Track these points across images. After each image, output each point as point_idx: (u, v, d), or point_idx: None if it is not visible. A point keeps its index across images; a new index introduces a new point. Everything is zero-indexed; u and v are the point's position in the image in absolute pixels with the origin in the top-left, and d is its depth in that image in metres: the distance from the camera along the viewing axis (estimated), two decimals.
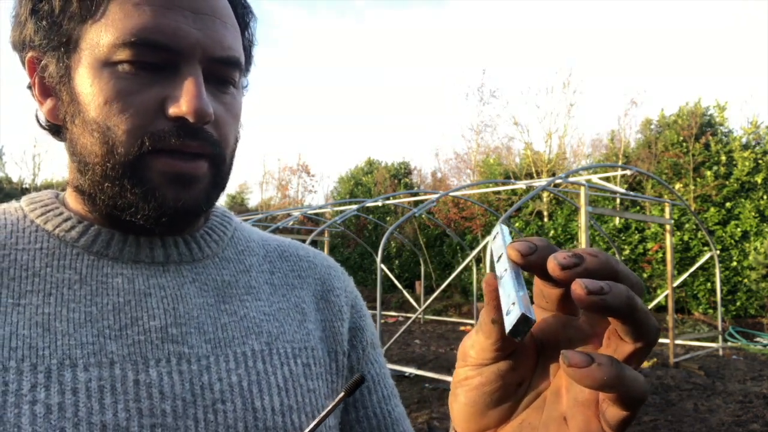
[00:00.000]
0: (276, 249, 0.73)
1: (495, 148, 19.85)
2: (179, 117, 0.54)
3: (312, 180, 26.09)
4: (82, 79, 0.55)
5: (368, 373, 0.71)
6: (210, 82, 0.58)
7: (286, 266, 0.71)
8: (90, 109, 0.55)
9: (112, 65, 0.54)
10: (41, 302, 0.53)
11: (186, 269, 0.61)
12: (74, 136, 0.57)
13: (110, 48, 0.54)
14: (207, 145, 0.57)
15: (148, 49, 0.54)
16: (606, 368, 0.31)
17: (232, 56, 0.58)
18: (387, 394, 0.71)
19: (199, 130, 0.56)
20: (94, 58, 0.54)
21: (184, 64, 0.55)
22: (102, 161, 0.55)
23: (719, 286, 9.07)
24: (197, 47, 0.55)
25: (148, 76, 0.55)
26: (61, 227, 0.59)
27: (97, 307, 0.54)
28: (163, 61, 0.55)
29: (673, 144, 13.57)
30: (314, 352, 0.65)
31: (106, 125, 0.54)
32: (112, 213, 0.58)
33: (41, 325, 0.51)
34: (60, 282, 0.55)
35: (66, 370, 0.50)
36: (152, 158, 0.55)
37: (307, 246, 0.77)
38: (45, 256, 0.56)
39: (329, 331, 0.68)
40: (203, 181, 0.58)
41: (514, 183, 10.26)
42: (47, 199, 0.63)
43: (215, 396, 0.54)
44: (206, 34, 0.56)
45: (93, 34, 0.55)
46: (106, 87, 0.54)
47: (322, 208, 12.81)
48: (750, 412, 5.32)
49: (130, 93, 0.54)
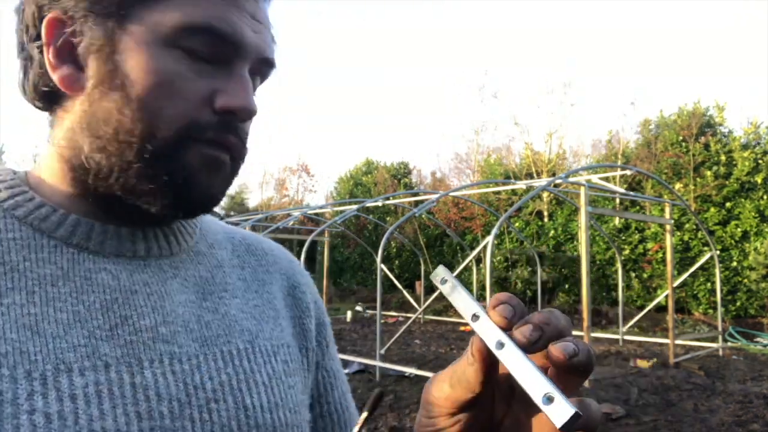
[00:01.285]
0: (242, 242, 0.72)
1: (495, 148, 19.87)
2: (226, 111, 0.55)
3: (312, 180, 26.08)
4: (135, 54, 0.53)
5: (330, 368, 0.73)
6: None
7: (254, 261, 0.70)
8: (138, 87, 0.53)
9: (173, 48, 0.53)
10: (25, 301, 0.50)
11: (165, 264, 0.60)
12: (101, 108, 0.54)
13: (174, 30, 0.53)
14: (239, 142, 0.58)
15: (212, 37, 0.54)
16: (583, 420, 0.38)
17: (272, 58, 0.61)
18: (344, 390, 0.74)
19: (240, 127, 0.57)
20: (155, 36, 0.53)
21: (237, 61, 0.56)
22: (140, 141, 0.53)
23: (719, 286, 9.07)
24: (252, 48, 0.57)
25: (202, 66, 0.55)
26: (34, 215, 0.55)
27: (84, 306, 0.52)
28: (221, 53, 0.55)
29: (673, 144, 13.57)
30: (290, 349, 0.65)
31: (154, 106, 0.53)
32: (87, 195, 0.56)
33: (29, 327, 0.48)
34: (42, 278, 0.52)
35: (62, 376, 0.47)
36: (189, 147, 0.54)
37: (271, 241, 0.77)
38: (21, 248, 0.53)
39: (299, 327, 0.69)
40: (226, 171, 0.58)
41: (514, 183, 10.26)
42: (9, 179, 0.58)
43: (208, 395, 0.54)
44: (260, 38, 0.58)
45: (157, 12, 0.53)
46: (163, 68, 0.53)
47: (322, 208, 12.81)
48: (750, 413, 5.32)
49: (184, 79, 0.54)
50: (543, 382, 0.37)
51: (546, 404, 0.36)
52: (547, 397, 0.36)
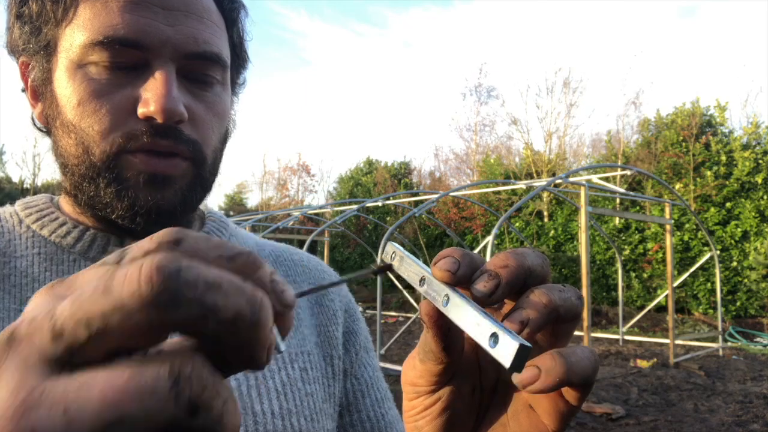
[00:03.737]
0: (271, 254, 0.72)
1: (495, 148, 19.86)
2: (148, 117, 0.53)
3: (312, 180, 26.08)
4: (60, 81, 0.55)
5: (361, 376, 0.71)
6: (188, 80, 0.57)
7: (281, 271, 0.71)
8: (66, 111, 0.55)
9: (85, 66, 0.54)
10: None
11: None
12: (56, 138, 0.57)
13: (82, 49, 0.53)
14: (181, 145, 0.55)
15: (117, 47, 0.53)
16: (553, 372, 0.33)
17: (209, 51, 0.57)
18: (380, 398, 0.71)
19: (170, 129, 0.54)
20: (69, 60, 0.54)
21: (155, 62, 0.54)
22: (78, 162, 0.55)
23: (719, 286, 9.07)
24: (167, 44, 0.54)
25: (121, 76, 0.54)
26: (56, 233, 0.59)
27: None
28: (135, 59, 0.54)
29: (673, 144, 13.57)
30: (310, 357, 0.65)
31: (81, 126, 0.54)
32: (98, 214, 0.58)
33: None
34: None
35: None
36: (127, 157, 0.54)
37: (301, 251, 0.77)
38: (43, 260, 0.57)
39: (324, 335, 0.68)
40: (179, 181, 0.56)
41: (514, 183, 10.25)
42: (42, 203, 0.63)
43: None
44: (178, 30, 0.55)
45: (68, 36, 0.54)
46: (80, 88, 0.54)
47: (322, 208, 12.81)
48: (750, 412, 5.32)
49: (103, 94, 0.54)
50: (487, 324, 0.31)
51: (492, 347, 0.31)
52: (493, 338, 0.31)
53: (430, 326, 0.37)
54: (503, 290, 0.34)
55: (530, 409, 0.38)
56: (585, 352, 0.34)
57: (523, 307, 0.33)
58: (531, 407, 0.38)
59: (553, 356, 0.33)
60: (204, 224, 0.68)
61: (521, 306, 0.34)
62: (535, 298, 0.34)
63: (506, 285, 0.34)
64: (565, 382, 0.33)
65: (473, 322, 0.32)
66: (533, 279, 0.35)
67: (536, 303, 0.34)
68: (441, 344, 0.37)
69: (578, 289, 0.50)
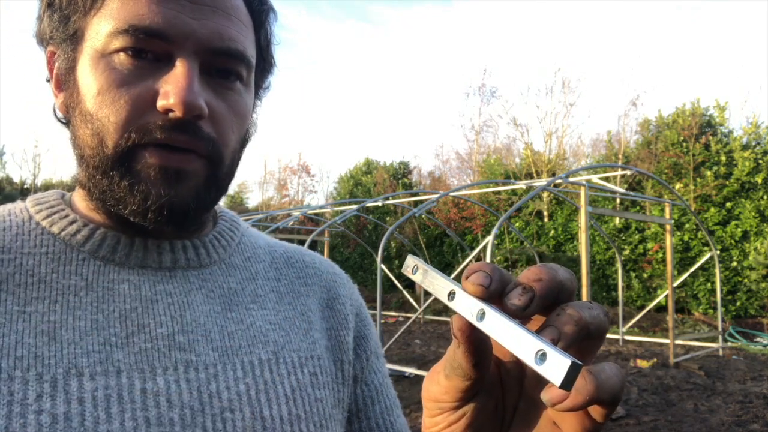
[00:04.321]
0: (282, 255, 0.72)
1: (495, 149, 19.86)
2: (168, 110, 0.52)
3: (312, 180, 26.08)
4: (83, 70, 0.55)
5: (371, 383, 0.70)
6: (211, 77, 0.56)
7: (292, 273, 0.70)
8: (86, 100, 0.54)
9: (109, 55, 0.53)
10: (47, 309, 0.52)
11: (193, 275, 0.60)
12: (75, 128, 0.56)
13: (107, 38, 0.53)
14: (198, 142, 0.54)
15: (141, 37, 0.52)
16: (584, 390, 0.32)
17: (234, 48, 0.56)
18: (389, 405, 0.70)
19: (188, 125, 0.53)
20: (94, 49, 0.54)
21: (177, 55, 0.53)
22: (93, 153, 0.54)
23: (719, 286, 9.07)
24: (192, 37, 0.53)
25: (144, 68, 0.53)
26: (66, 230, 0.58)
27: (103, 315, 0.53)
28: (159, 51, 0.53)
29: (673, 144, 13.57)
30: (320, 362, 0.64)
31: (98, 117, 0.53)
32: (111, 211, 0.57)
33: (47, 333, 0.50)
34: (66, 288, 0.54)
35: (72, 380, 0.49)
36: (141, 151, 0.53)
37: (313, 252, 0.76)
38: (51, 261, 0.55)
39: (335, 339, 0.67)
40: (193, 178, 0.55)
41: (514, 183, 10.25)
42: (53, 200, 0.61)
43: (223, 405, 0.53)
44: (203, 24, 0.54)
45: (95, 25, 0.54)
46: (101, 77, 0.53)
47: (322, 208, 12.81)
48: (750, 413, 5.32)
49: (123, 84, 0.53)
50: (532, 341, 0.31)
51: (540, 364, 0.30)
52: (540, 355, 0.31)
53: (462, 341, 0.36)
54: (537, 304, 0.34)
55: (555, 426, 0.38)
56: (613, 369, 0.34)
57: (555, 325, 0.33)
58: (555, 424, 0.38)
59: (583, 374, 0.32)
60: (216, 224, 0.68)
61: (553, 323, 0.33)
62: (566, 315, 0.33)
63: (540, 299, 0.34)
64: (594, 400, 0.32)
65: (514, 337, 0.32)
66: (564, 294, 0.35)
67: (568, 320, 0.33)
68: (472, 360, 0.37)
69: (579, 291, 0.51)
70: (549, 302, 0.34)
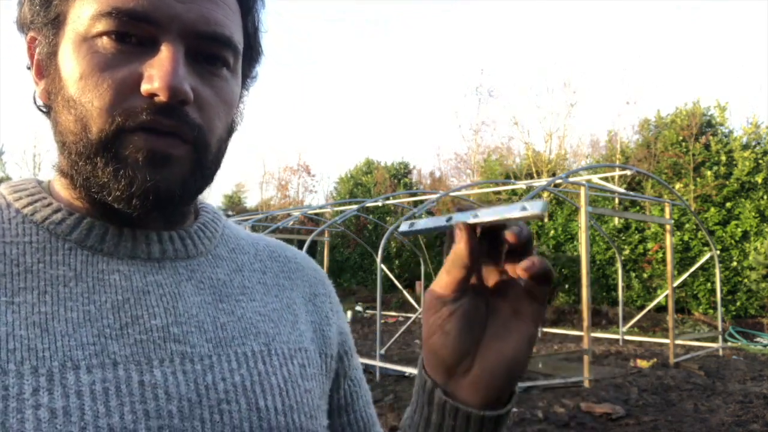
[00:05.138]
0: (265, 249, 0.72)
1: (495, 148, 19.86)
2: (152, 94, 0.51)
3: (312, 180, 26.10)
4: (64, 55, 0.54)
5: (354, 378, 0.72)
6: (198, 62, 0.55)
7: (276, 266, 0.70)
8: (68, 85, 0.53)
9: (92, 39, 0.52)
10: (36, 300, 0.50)
11: (181, 266, 0.60)
12: (56, 114, 0.55)
13: (90, 21, 0.52)
14: (184, 126, 0.53)
15: (125, 19, 0.51)
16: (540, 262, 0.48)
17: (220, 32, 0.55)
18: (368, 399, 0.74)
19: (174, 109, 0.52)
20: (76, 32, 0.53)
21: (162, 38, 0.52)
22: (77, 139, 0.53)
23: (719, 286, 9.07)
24: (177, 20, 0.52)
25: (127, 51, 0.52)
26: (50, 219, 0.56)
27: (95, 306, 0.52)
28: (143, 34, 0.52)
29: (673, 144, 13.57)
30: (308, 354, 0.65)
31: (81, 101, 0.52)
32: (94, 198, 0.55)
33: (39, 325, 0.49)
34: (55, 279, 0.52)
35: (69, 373, 0.48)
36: (126, 135, 0.52)
37: (293, 247, 0.76)
38: (36, 250, 0.53)
39: (319, 333, 0.68)
40: (179, 163, 0.54)
41: (514, 183, 10.25)
42: (32, 187, 0.59)
43: (220, 396, 0.53)
44: (189, 8, 0.53)
45: (77, 8, 0.53)
46: (83, 61, 0.52)
47: (322, 208, 12.81)
48: (750, 413, 5.32)
49: (106, 68, 0.52)
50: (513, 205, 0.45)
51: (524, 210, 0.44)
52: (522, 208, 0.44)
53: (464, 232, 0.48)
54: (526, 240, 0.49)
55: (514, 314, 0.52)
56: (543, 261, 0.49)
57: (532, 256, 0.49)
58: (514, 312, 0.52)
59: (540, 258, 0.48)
60: (198, 216, 0.67)
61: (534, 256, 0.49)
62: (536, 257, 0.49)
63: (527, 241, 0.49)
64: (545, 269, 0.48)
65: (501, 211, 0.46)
66: None
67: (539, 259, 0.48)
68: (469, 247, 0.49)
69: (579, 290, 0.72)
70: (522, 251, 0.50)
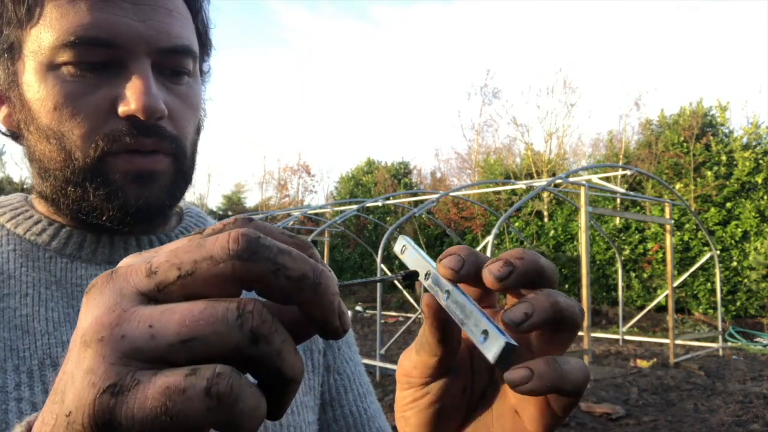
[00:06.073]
0: None
1: (495, 149, 19.87)
2: (130, 115, 0.53)
3: (312, 180, 26.09)
4: (29, 85, 0.54)
5: (344, 372, 0.72)
6: (162, 75, 0.57)
7: None
8: (41, 116, 0.54)
9: (57, 68, 0.53)
10: (18, 304, 0.53)
11: None
12: (31, 142, 0.57)
13: (52, 50, 0.52)
14: (163, 142, 0.56)
15: (89, 47, 0.52)
16: (546, 376, 0.33)
17: (181, 45, 0.56)
18: (363, 392, 0.73)
19: (152, 127, 0.54)
20: (38, 62, 0.53)
21: (130, 60, 0.53)
22: (62, 167, 0.55)
23: (719, 286, 9.07)
24: (140, 40, 0.53)
25: (95, 76, 0.53)
26: (31, 230, 0.59)
27: (74, 310, 0.55)
28: (108, 58, 0.53)
29: (674, 144, 13.57)
30: None
31: (60, 131, 0.54)
32: (81, 218, 0.58)
33: (20, 327, 0.52)
34: (36, 281, 0.55)
35: (47, 370, 0.50)
36: (111, 159, 0.54)
37: None
38: (18, 257, 0.56)
39: None
40: (164, 177, 0.57)
41: (514, 183, 10.25)
42: (16, 202, 0.62)
43: None
44: (149, 26, 0.54)
45: (34, 38, 0.53)
46: (53, 92, 0.53)
47: (322, 208, 12.81)
48: (750, 412, 5.32)
49: (79, 96, 0.53)
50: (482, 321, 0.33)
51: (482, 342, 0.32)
52: (483, 333, 0.32)
53: (428, 317, 0.38)
54: (516, 278, 0.34)
55: (516, 414, 0.38)
56: (579, 363, 0.34)
57: (530, 300, 0.34)
58: (517, 413, 0.38)
59: (548, 362, 0.33)
60: (182, 220, 0.68)
61: (528, 300, 0.34)
62: (541, 296, 0.34)
63: (519, 274, 0.34)
64: (555, 388, 0.33)
65: (468, 317, 0.34)
66: (542, 280, 0.35)
67: (542, 300, 0.34)
68: (437, 336, 0.38)
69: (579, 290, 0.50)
70: (528, 282, 0.35)
